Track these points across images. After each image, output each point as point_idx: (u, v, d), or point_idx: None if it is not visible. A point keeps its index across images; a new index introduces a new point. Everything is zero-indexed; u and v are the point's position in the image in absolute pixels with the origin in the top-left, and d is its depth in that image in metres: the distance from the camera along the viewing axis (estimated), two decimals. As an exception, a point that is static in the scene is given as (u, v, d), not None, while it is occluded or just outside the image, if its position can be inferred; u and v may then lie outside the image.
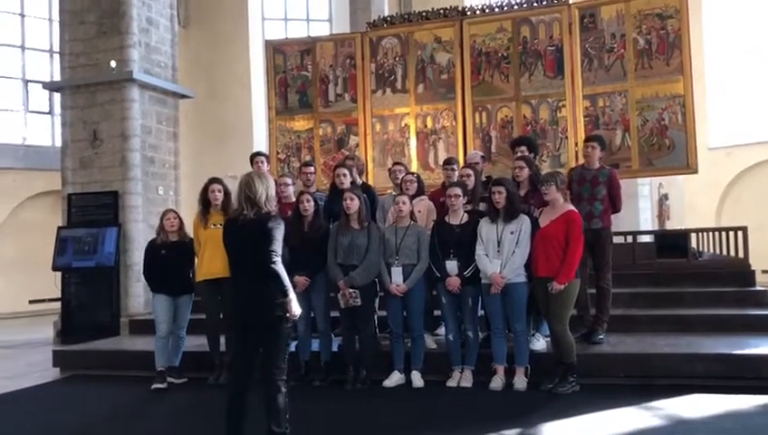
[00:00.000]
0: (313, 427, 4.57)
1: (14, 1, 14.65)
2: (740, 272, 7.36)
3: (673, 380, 5.25)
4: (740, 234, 7.69)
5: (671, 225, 13.04)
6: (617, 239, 8.32)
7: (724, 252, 8.22)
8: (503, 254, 5.28)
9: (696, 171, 7.70)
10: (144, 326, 7.65)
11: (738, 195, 15.75)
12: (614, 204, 6.05)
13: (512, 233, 5.29)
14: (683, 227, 10.64)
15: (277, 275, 3.65)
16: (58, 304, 8.76)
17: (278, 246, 3.70)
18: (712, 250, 8.99)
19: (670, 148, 7.63)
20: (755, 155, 15.53)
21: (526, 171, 5.83)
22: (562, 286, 5.06)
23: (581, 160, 6.55)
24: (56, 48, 11.80)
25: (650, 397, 4.94)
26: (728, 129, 16.09)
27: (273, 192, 3.82)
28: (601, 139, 6.34)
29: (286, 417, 3.73)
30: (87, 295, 8.54)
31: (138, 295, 8.48)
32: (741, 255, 7.63)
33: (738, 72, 16.38)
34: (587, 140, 6.26)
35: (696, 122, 7.62)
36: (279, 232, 3.72)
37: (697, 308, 6.69)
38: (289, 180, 6.49)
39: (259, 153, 6.88)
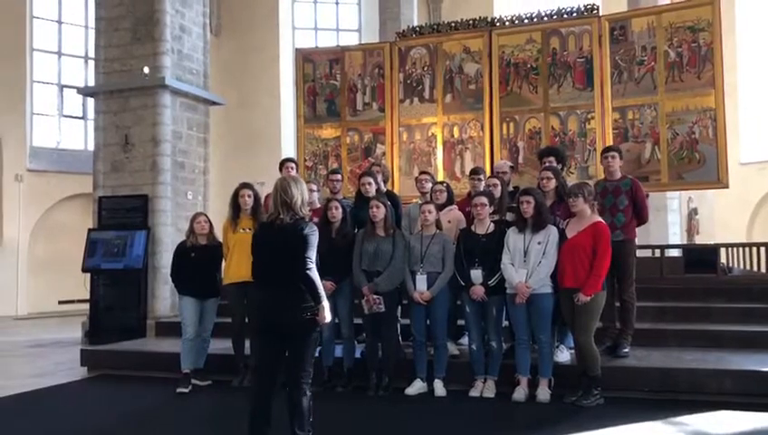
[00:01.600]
0: (335, 433, 4.58)
1: (52, 8, 15.05)
2: (771, 288, 7.24)
3: (700, 396, 5.16)
4: (771, 250, 7.58)
5: (700, 239, 12.88)
6: (645, 253, 8.27)
7: (755, 268, 8.08)
8: (529, 264, 5.26)
9: (726, 186, 7.58)
10: (170, 329, 7.74)
11: (770, 211, 15.51)
12: (639, 214, 5.94)
13: (539, 243, 5.26)
14: (712, 242, 10.49)
15: (312, 282, 3.67)
16: (87, 305, 8.90)
17: (313, 253, 3.72)
18: (742, 266, 8.85)
19: (700, 162, 7.52)
20: (789, 171, 15.31)
21: (553, 182, 5.79)
22: (589, 298, 5.03)
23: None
24: (91, 54, 12.04)
25: (676, 412, 4.87)
26: (761, 144, 15.87)
27: (307, 196, 3.85)
28: (619, 148, 6.27)
29: (310, 420, 3.74)
30: (115, 297, 8.66)
31: (165, 298, 8.58)
32: (772, 271, 7.51)
33: (772, 87, 16.16)
34: (606, 150, 6.17)
35: (727, 137, 7.50)
36: (315, 238, 3.75)
37: (726, 324, 6.58)
38: (314, 186, 6.54)
39: (289, 159, 6.93)
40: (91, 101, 10.23)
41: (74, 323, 9.61)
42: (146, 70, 8.73)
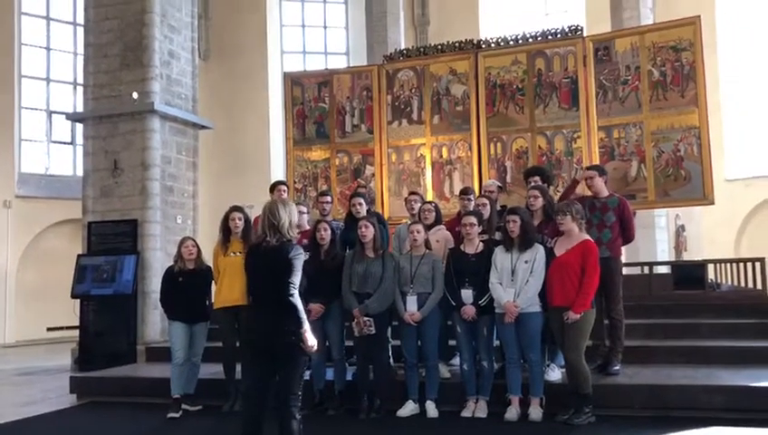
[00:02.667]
0: (327, 455, 4.56)
1: (40, 35, 15.10)
2: (759, 304, 7.29)
3: (691, 412, 5.18)
4: (758, 265, 7.63)
5: (688, 256, 12.96)
6: (633, 270, 8.32)
7: (743, 283, 8.14)
8: (516, 283, 5.28)
9: (712, 202, 7.64)
10: (160, 354, 7.69)
11: (757, 226, 15.62)
12: (626, 233, 5.97)
13: (526, 262, 5.28)
14: (700, 258, 10.57)
15: (294, 308, 3.68)
16: (76, 332, 8.82)
17: (297, 278, 3.73)
18: (730, 282, 8.91)
19: (686, 179, 7.58)
20: (774, 187, 15.46)
21: (540, 201, 5.84)
22: (578, 316, 5.05)
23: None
24: (80, 80, 12.08)
25: (667, 429, 4.88)
26: (747, 161, 16.04)
27: (295, 219, 3.87)
28: (599, 167, 6.32)
29: (300, 444, 3.73)
30: (105, 323, 8.58)
31: (155, 323, 8.53)
32: (759, 286, 7.56)
33: (755, 103, 16.38)
34: (585, 170, 6.27)
35: (712, 154, 7.57)
36: (299, 262, 3.76)
37: (715, 340, 6.62)
38: (304, 208, 6.54)
39: (280, 182, 6.95)
40: (79, 127, 10.23)
41: (63, 351, 9.51)
42: (135, 95, 8.75)
